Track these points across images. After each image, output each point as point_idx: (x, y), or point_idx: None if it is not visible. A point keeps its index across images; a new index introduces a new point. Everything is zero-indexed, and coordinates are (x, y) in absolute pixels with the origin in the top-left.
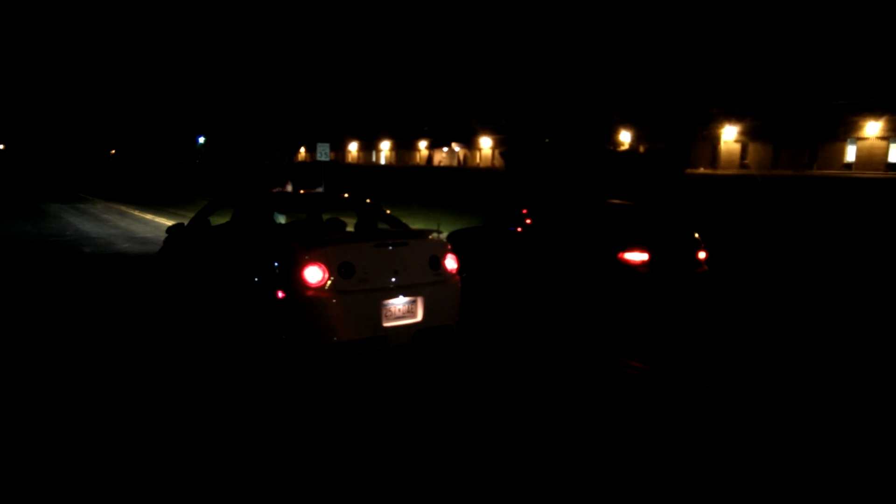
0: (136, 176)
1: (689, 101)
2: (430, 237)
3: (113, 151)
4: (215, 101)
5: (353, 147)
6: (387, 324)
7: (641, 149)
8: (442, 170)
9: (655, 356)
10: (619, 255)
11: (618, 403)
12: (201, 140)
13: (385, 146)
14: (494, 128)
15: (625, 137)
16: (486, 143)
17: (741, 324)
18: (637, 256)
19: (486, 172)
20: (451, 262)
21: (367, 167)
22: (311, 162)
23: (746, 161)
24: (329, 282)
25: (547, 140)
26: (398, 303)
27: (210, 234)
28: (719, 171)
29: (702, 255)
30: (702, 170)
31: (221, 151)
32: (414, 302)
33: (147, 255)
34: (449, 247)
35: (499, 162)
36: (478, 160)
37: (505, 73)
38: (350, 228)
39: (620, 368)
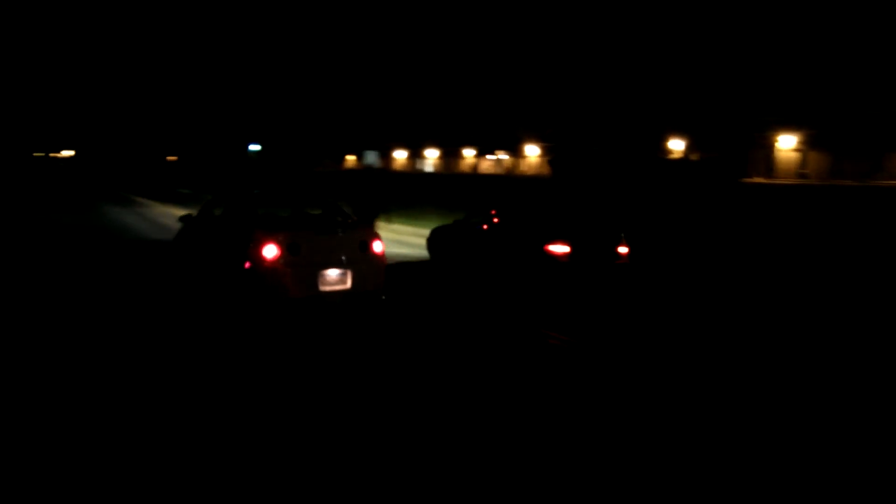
0: (191, 181)
1: (744, 109)
2: (362, 228)
3: (174, 158)
4: (268, 111)
5: (399, 155)
6: (323, 288)
7: (694, 157)
8: (487, 178)
9: (572, 329)
10: (545, 247)
11: (532, 361)
12: (255, 148)
13: (431, 154)
14: (541, 136)
15: (676, 145)
16: (532, 151)
17: (654, 309)
18: (559, 249)
19: (531, 180)
20: (377, 246)
21: (413, 175)
22: (361, 169)
23: (805, 170)
24: (280, 257)
25: (595, 148)
26: (332, 273)
27: (210, 222)
28: (775, 181)
29: (623, 249)
30: (757, 179)
31: (273, 159)
32: (344, 274)
33: None
34: (377, 235)
35: (546, 170)
36: (524, 168)
37: (551, 82)
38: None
39: (540, 338)
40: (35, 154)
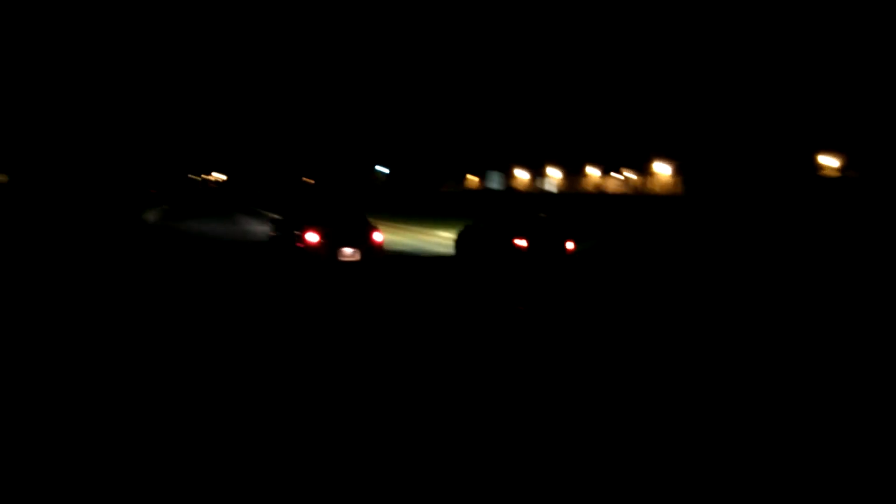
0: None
1: None
2: (369, 226)
3: (310, 180)
4: (395, 135)
5: (520, 174)
6: (342, 259)
7: (852, 175)
8: (613, 197)
9: (526, 299)
10: (513, 240)
11: (493, 319)
12: (382, 170)
13: (553, 173)
14: (672, 153)
15: (829, 162)
16: (662, 169)
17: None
18: (521, 242)
19: (660, 199)
20: (377, 237)
21: (535, 194)
22: (482, 190)
23: None
24: (318, 241)
25: (736, 166)
26: (347, 251)
27: (285, 222)
28: None
29: (570, 245)
30: None
31: (399, 180)
32: (355, 251)
33: None
34: (377, 228)
35: (678, 188)
36: (654, 187)
37: (684, 96)
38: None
39: (505, 305)
40: (190, 176)
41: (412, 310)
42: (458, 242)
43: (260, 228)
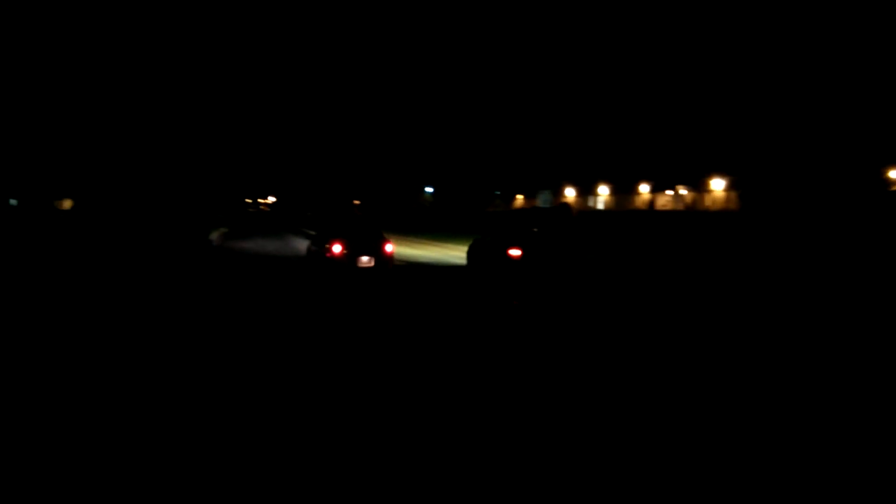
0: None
1: None
2: (382, 237)
3: (357, 202)
4: (443, 155)
5: (570, 192)
6: (360, 265)
7: None
8: (664, 214)
9: (523, 297)
10: (507, 251)
11: (496, 312)
12: (429, 190)
13: (603, 191)
14: (728, 168)
15: None
16: (716, 185)
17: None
18: (514, 252)
19: (713, 215)
20: (388, 247)
21: (586, 212)
22: (533, 208)
23: None
24: (341, 251)
25: (797, 179)
26: (364, 259)
27: (317, 236)
28: None
29: (559, 255)
30: None
31: (447, 200)
32: (371, 259)
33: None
34: (388, 240)
35: (733, 204)
36: (708, 203)
37: (742, 109)
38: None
39: (505, 301)
40: (246, 199)
41: (415, 305)
42: (469, 253)
43: (304, 245)
